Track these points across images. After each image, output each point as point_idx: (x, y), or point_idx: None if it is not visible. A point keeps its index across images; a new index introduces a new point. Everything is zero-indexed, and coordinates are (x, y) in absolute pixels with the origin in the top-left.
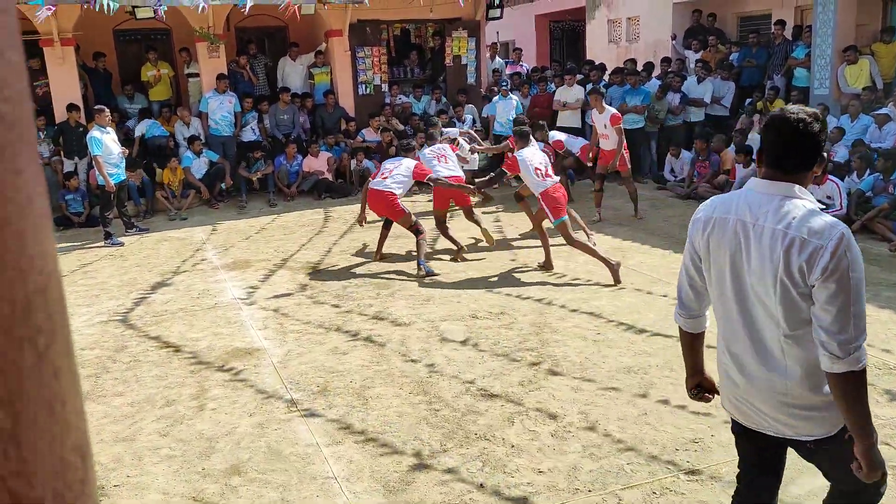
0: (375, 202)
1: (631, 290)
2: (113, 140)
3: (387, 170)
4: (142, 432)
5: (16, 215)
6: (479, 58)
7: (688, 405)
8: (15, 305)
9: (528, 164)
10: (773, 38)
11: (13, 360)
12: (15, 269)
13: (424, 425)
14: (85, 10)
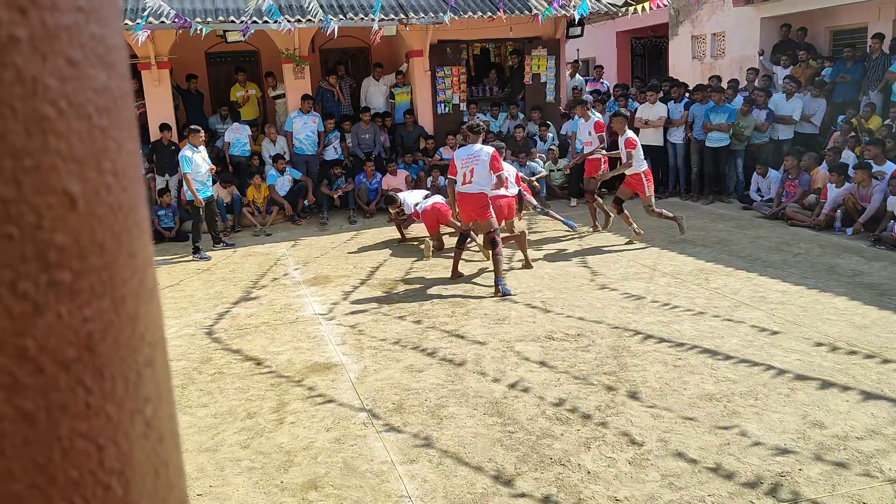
0: (467, 205)
1: (713, 314)
2: (203, 158)
3: (467, 171)
4: (224, 443)
5: (131, 298)
6: (559, 76)
7: (773, 436)
8: (127, 382)
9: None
10: (869, 52)
11: (125, 432)
12: (127, 348)
13: (499, 447)
14: (179, 35)
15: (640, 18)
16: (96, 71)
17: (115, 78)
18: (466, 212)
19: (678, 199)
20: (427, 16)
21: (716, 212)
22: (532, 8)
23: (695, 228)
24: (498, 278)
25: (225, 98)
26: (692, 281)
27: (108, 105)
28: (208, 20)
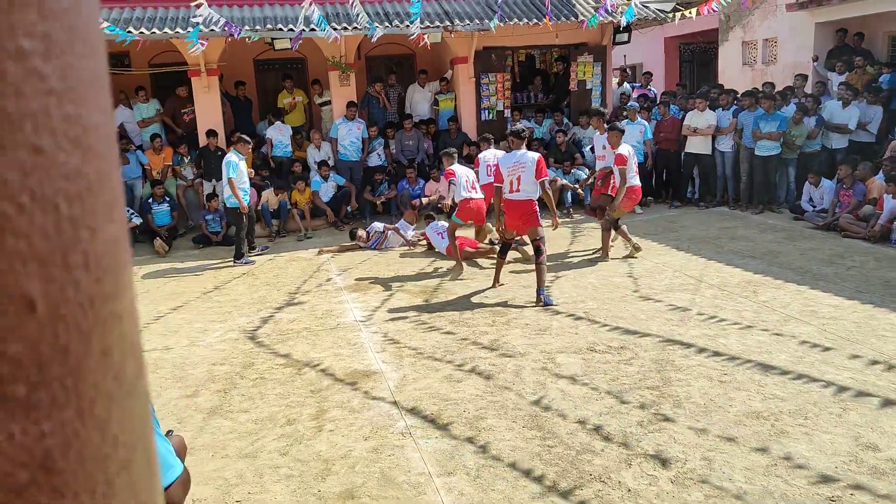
0: (515, 213)
1: (762, 328)
2: (246, 166)
3: (514, 178)
4: (263, 450)
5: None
6: (605, 82)
7: (823, 459)
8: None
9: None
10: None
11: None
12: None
13: (537, 461)
14: (229, 42)
15: (688, 24)
16: (68, 156)
17: (91, 160)
18: (513, 219)
19: (726, 209)
20: (472, 22)
21: (765, 222)
22: (578, 14)
23: (743, 239)
24: (540, 288)
25: (272, 105)
26: (739, 293)
27: (82, 191)
28: (256, 28)
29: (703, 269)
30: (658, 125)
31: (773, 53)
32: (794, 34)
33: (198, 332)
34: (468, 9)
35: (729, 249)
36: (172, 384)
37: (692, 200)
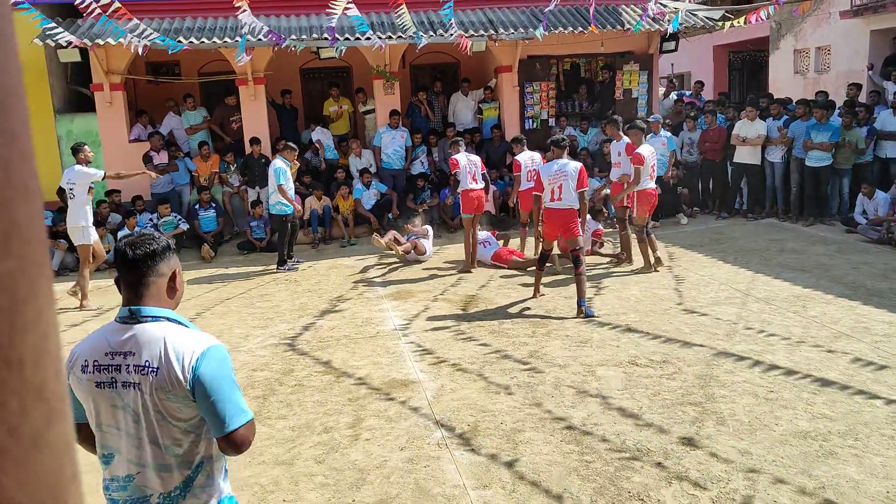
0: (555, 221)
1: (811, 344)
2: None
3: (555, 186)
4: (300, 457)
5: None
6: (651, 91)
7: (874, 482)
8: None
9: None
10: None
11: None
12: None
13: (575, 477)
14: (275, 51)
15: (738, 32)
16: None
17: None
18: (554, 228)
19: (776, 221)
20: (517, 31)
21: (816, 235)
22: (625, 22)
23: (793, 252)
24: (581, 299)
25: (318, 113)
26: (788, 308)
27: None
28: (303, 37)
29: (751, 283)
30: (703, 134)
31: (825, 62)
32: (848, 42)
33: (239, 337)
34: (513, 17)
35: (777, 262)
36: None
37: (740, 211)
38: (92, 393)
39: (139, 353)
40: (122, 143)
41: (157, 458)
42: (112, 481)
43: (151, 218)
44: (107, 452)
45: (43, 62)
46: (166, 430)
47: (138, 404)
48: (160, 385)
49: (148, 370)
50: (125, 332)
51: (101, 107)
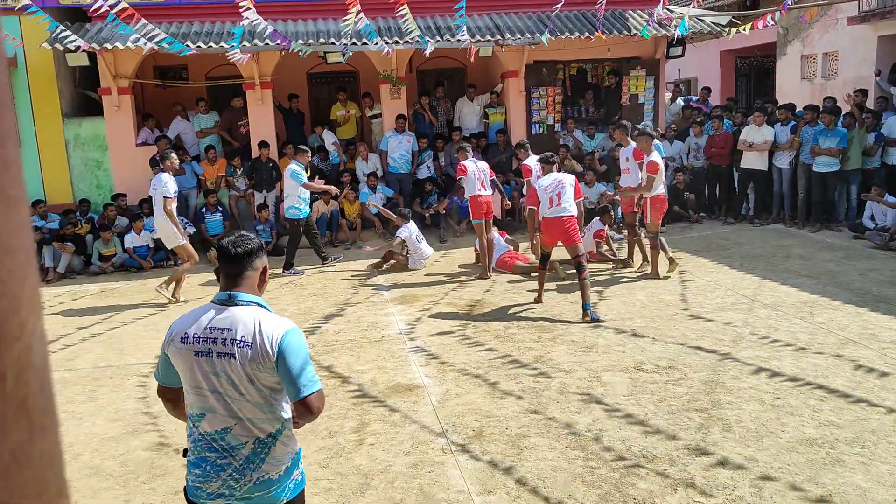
0: (556, 228)
1: (817, 351)
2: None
3: (554, 195)
4: (304, 461)
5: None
6: (658, 96)
7: (881, 490)
8: None
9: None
10: None
11: None
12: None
13: (579, 483)
14: (283, 56)
15: (745, 37)
16: None
17: None
18: (553, 235)
19: (782, 226)
20: (523, 36)
21: (823, 241)
22: (631, 28)
23: (799, 258)
24: (586, 303)
25: (325, 117)
26: (795, 314)
27: None
28: (309, 42)
29: (757, 288)
30: (710, 140)
31: (833, 68)
32: (855, 48)
33: None
34: (519, 23)
35: (784, 268)
36: None
37: (746, 217)
38: (189, 361)
39: (235, 329)
40: (130, 146)
41: (250, 414)
42: (203, 436)
43: None
44: (200, 412)
45: (52, 66)
46: (256, 393)
47: (233, 371)
48: (253, 357)
49: (243, 344)
50: (223, 311)
51: (109, 110)
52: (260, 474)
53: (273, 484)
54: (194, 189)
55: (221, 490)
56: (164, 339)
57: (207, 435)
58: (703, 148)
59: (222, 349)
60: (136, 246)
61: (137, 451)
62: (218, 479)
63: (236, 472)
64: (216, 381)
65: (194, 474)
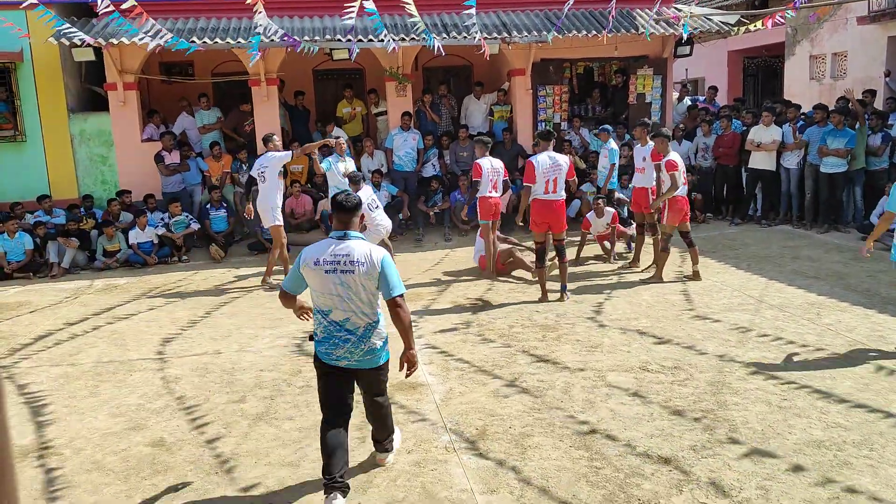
0: (551, 213)
1: (826, 352)
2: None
3: (552, 179)
4: (306, 459)
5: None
6: (665, 96)
7: (889, 493)
8: None
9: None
10: None
11: None
12: None
13: (584, 483)
14: (288, 53)
15: (753, 37)
16: None
17: None
18: (546, 219)
19: (790, 227)
20: (530, 34)
21: (831, 242)
22: (639, 27)
23: (807, 259)
24: (564, 284)
25: (331, 114)
26: (802, 315)
27: None
28: (315, 38)
29: (764, 289)
30: (718, 140)
31: (842, 68)
32: (865, 48)
33: (248, 337)
34: (526, 21)
35: (791, 269)
36: (220, 389)
37: (753, 218)
38: (321, 276)
39: (352, 254)
40: (135, 142)
41: (360, 309)
42: (330, 324)
43: (163, 217)
44: (328, 309)
45: (58, 61)
46: (365, 295)
47: (351, 282)
48: (366, 271)
49: (358, 263)
50: (341, 243)
51: (115, 106)
52: (369, 345)
53: (376, 351)
54: (199, 185)
55: (345, 355)
56: (297, 261)
57: (335, 323)
58: (711, 148)
59: (345, 267)
60: (140, 242)
61: (139, 447)
62: (343, 349)
63: (354, 345)
64: (340, 289)
65: (325, 346)
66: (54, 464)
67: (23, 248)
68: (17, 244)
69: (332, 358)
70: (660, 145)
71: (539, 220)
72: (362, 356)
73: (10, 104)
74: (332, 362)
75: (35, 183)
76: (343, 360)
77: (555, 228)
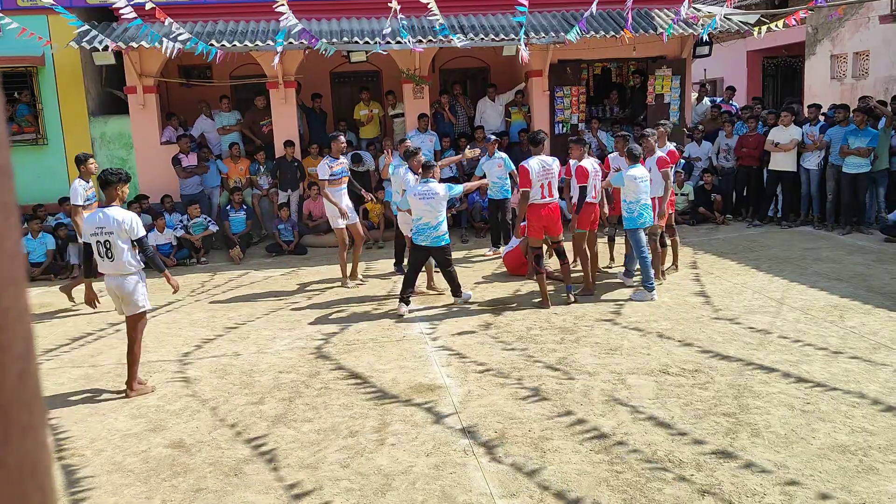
0: (549, 216)
1: (849, 355)
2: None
3: (546, 183)
4: (325, 461)
5: None
6: (684, 96)
7: None
8: None
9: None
10: None
11: None
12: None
13: (604, 487)
14: (306, 55)
15: (773, 37)
16: None
17: None
18: (543, 223)
19: (811, 229)
20: (548, 35)
21: (854, 243)
22: (657, 27)
23: (829, 261)
24: (569, 285)
25: (348, 117)
26: (824, 318)
27: None
28: (333, 41)
29: (785, 291)
30: (741, 140)
31: (864, 67)
32: (888, 47)
33: (266, 339)
34: (544, 21)
35: (813, 271)
36: (239, 391)
37: (774, 219)
38: (417, 202)
39: (433, 189)
40: (154, 144)
41: (433, 215)
42: (424, 225)
43: (182, 219)
44: (419, 217)
45: (79, 65)
46: (439, 210)
47: (433, 200)
48: (441, 198)
49: (437, 194)
50: (426, 185)
51: (135, 109)
52: (438, 233)
53: (442, 238)
54: (217, 187)
55: (428, 240)
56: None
57: (425, 223)
58: (733, 148)
59: (430, 198)
60: (158, 244)
61: (159, 448)
62: (426, 235)
63: (432, 235)
64: (427, 206)
65: (419, 237)
66: (76, 464)
67: (44, 249)
68: (40, 244)
69: (420, 240)
70: (647, 145)
71: (536, 225)
72: (436, 240)
73: (32, 107)
74: (419, 244)
75: (56, 185)
76: (424, 242)
77: (551, 232)
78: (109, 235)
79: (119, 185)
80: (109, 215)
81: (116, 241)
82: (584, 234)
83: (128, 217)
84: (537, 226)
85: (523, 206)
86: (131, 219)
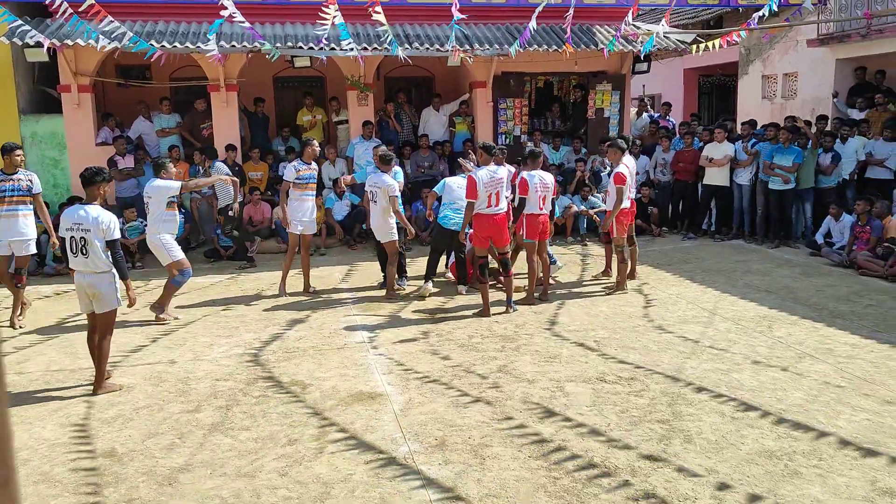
0: (494, 227)
1: (777, 365)
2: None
3: (494, 193)
4: (263, 469)
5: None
6: (623, 111)
7: (837, 503)
8: None
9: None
10: None
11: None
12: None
13: (542, 493)
14: (249, 59)
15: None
16: None
17: None
18: (488, 233)
19: (742, 242)
20: (492, 47)
21: (782, 257)
22: (599, 43)
23: (759, 273)
24: (510, 298)
25: (290, 122)
26: (754, 328)
27: None
28: (277, 45)
29: (717, 302)
30: (677, 155)
31: (792, 88)
32: (814, 70)
33: (203, 346)
34: (488, 34)
35: (744, 283)
36: (175, 398)
37: (708, 232)
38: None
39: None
40: (89, 146)
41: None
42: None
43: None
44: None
45: (9, 61)
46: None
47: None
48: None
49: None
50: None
51: (68, 108)
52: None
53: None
54: None
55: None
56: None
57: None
58: (670, 163)
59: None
60: None
61: (89, 458)
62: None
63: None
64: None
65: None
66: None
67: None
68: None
69: (447, 224)
70: (611, 156)
71: (481, 235)
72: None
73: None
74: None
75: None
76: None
77: (497, 242)
78: (86, 233)
79: (102, 184)
80: (89, 213)
81: (93, 240)
82: (534, 244)
83: (106, 217)
84: (483, 235)
85: (467, 215)
86: (110, 219)
